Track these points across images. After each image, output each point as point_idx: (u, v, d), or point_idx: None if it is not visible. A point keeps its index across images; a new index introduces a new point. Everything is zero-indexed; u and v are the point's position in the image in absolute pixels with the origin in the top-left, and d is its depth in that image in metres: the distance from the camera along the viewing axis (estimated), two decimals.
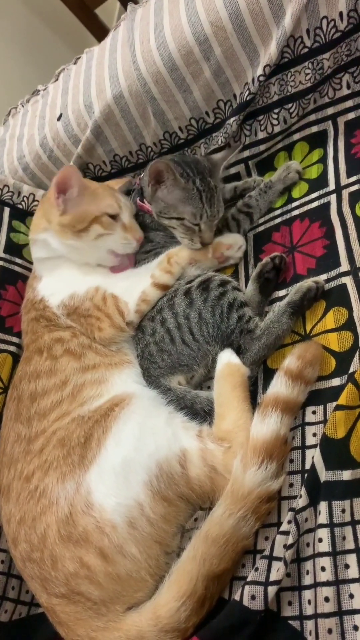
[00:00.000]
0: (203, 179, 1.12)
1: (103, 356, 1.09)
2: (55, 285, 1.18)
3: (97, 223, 1.15)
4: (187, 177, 1.11)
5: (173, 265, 1.12)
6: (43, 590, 0.90)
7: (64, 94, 1.38)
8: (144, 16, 1.26)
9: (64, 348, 1.08)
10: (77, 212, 1.14)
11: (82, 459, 0.93)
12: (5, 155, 1.46)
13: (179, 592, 0.82)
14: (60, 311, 1.13)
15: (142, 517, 0.88)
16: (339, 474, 0.78)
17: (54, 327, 1.13)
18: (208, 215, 1.11)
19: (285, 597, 0.79)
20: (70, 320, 1.12)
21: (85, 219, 1.14)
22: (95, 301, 1.12)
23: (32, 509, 0.93)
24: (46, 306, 1.15)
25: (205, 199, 1.11)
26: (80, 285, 1.15)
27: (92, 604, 0.86)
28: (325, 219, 1.07)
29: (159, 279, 1.11)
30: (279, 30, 1.10)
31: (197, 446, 0.93)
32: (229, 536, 0.83)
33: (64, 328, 1.12)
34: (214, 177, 1.15)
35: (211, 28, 1.13)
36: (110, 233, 1.16)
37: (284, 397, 0.90)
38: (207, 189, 1.11)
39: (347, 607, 0.72)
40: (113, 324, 1.10)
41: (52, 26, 2.49)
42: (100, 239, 1.16)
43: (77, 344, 1.09)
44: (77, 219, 1.14)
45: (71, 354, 1.08)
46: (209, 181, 1.12)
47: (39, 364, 1.09)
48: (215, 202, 1.12)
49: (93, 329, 1.11)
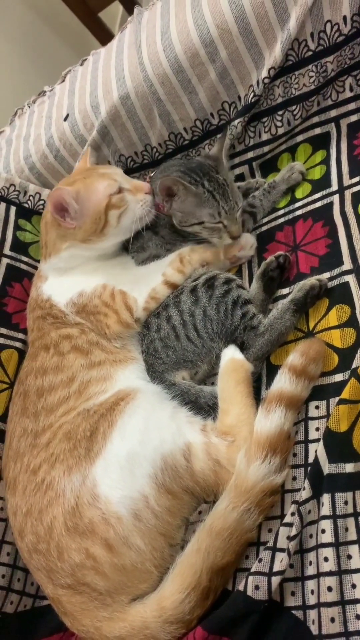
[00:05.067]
0: (210, 178, 1.13)
1: (108, 353, 1.11)
2: (61, 285, 1.19)
3: (110, 209, 1.14)
4: (195, 183, 1.13)
5: (186, 265, 1.13)
6: (49, 581, 0.92)
7: (71, 94, 1.40)
8: (151, 19, 1.28)
9: (72, 344, 1.10)
10: (89, 216, 1.14)
11: (88, 452, 0.94)
12: (12, 154, 1.48)
13: (183, 584, 0.84)
14: (69, 309, 1.14)
15: (147, 509, 0.89)
16: (342, 467, 0.79)
17: (61, 324, 1.14)
18: (227, 210, 1.12)
19: (289, 587, 0.80)
20: (80, 318, 1.13)
21: (100, 215, 1.14)
22: (104, 298, 1.13)
23: (38, 501, 0.94)
24: (52, 305, 1.16)
25: (219, 196, 1.12)
26: (88, 283, 1.16)
27: (98, 595, 0.87)
28: (328, 218, 1.09)
29: (170, 278, 1.12)
30: (284, 33, 1.12)
31: (201, 440, 0.94)
32: (232, 529, 0.85)
33: (72, 325, 1.13)
34: (220, 172, 1.15)
35: (217, 31, 1.15)
36: (125, 206, 1.15)
37: (288, 392, 0.91)
38: (217, 186, 1.12)
39: (349, 597, 0.73)
40: (120, 320, 1.11)
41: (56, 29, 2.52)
42: (121, 219, 1.15)
43: (85, 340, 1.10)
44: (94, 220, 1.14)
45: (78, 350, 1.09)
46: (217, 178, 1.13)
47: (45, 360, 1.10)
48: (230, 194, 1.13)
49: (102, 326, 1.12)
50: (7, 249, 1.31)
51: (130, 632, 0.84)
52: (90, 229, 1.14)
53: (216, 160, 1.18)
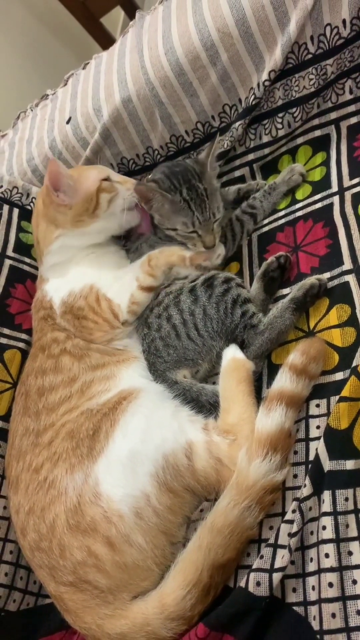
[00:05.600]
0: (190, 187, 1.13)
1: (111, 355, 1.12)
2: (60, 285, 1.20)
3: (101, 192, 1.20)
4: (174, 189, 1.13)
5: (154, 268, 1.14)
6: (51, 578, 0.92)
7: (73, 98, 1.42)
8: (152, 23, 1.29)
9: (60, 348, 1.11)
10: (81, 196, 1.19)
11: (91, 450, 0.95)
12: (15, 157, 1.49)
13: (184, 581, 0.84)
14: (60, 310, 1.16)
15: (149, 507, 0.90)
16: (343, 464, 0.80)
17: (55, 325, 1.15)
18: (201, 221, 1.12)
19: (290, 584, 0.81)
20: (65, 321, 1.15)
21: (91, 196, 1.19)
22: (90, 301, 1.14)
23: (41, 500, 0.95)
24: (51, 305, 1.18)
25: (195, 206, 1.12)
26: (77, 282, 1.17)
27: (99, 592, 0.88)
28: (328, 219, 1.10)
29: (143, 282, 1.13)
30: (284, 36, 1.13)
31: (202, 439, 0.95)
32: (233, 526, 0.85)
33: (61, 329, 1.14)
34: (203, 179, 1.14)
35: (218, 34, 1.16)
36: (115, 192, 1.21)
37: (289, 391, 0.92)
38: (196, 196, 1.12)
39: (350, 593, 0.74)
40: (111, 326, 1.13)
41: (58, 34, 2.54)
42: (111, 204, 1.21)
43: (72, 345, 1.12)
44: (86, 200, 1.19)
45: (69, 354, 1.10)
46: (197, 186, 1.13)
47: (42, 361, 1.11)
48: (207, 205, 1.12)
49: (92, 331, 1.13)
50: (10, 250, 1.32)
51: (131, 629, 0.84)
52: (82, 208, 1.18)
53: (202, 167, 1.17)
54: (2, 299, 1.26)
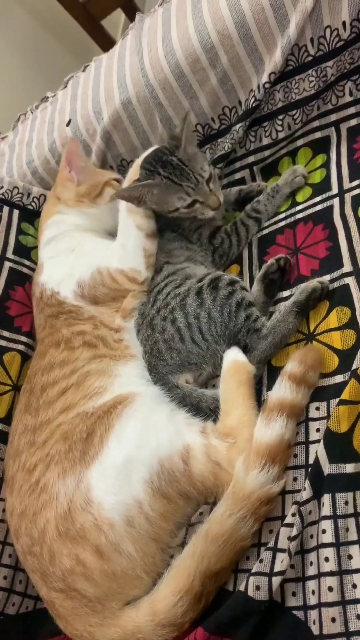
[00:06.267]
0: (164, 164, 1.12)
1: (109, 348, 1.11)
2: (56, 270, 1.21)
3: (108, 186, 1.29)
4: (151, 173, 1.13)
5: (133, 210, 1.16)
6: (43, 583, 0.91)
7: (73, 100, 1.42)
8: (152, 25, 1.29)
9: (84, 340, 1.11)
10: (90, 181, 1.29)
11: (84, 455, 0.94)
12: (15, 160, 1.49)
13: (176, 587, 0.83)
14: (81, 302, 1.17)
15: (141, 515, 0.88)
16: (342, 467, 0.80)
17: (73, 320, 1.15)
18: (193, 187, 1.11)
19: (289, 588, 0.80)
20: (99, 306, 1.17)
21: (98, 185, 1.29)
22: (108, 284, 1.16)
23: (33, 503, 0.94)
24: (61, 301, 1.17)
25: (178, 178, 1.11)
26: (81, 270, 1.18)
27: (88, 601, 0.87)
28: (328, 221, 1.09)
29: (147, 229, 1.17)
30: (284, 38, 1.13)
31: (200, 442, 0.93)
32: (227, 536, 0.84)
33: (85, 320, 1.14)
34: (176, 152, 1.13)
35: (218, 36, 1.16)
36: None
37: (289, 401, 0.91)
38: (173, 169, 1.11)
39: (350, 597, 0.73)
40: (134, 294, 1.16)
41: (58, 37, 2.54)
42: (112, 202, 1.28)
43: (94, 335, 1.12)
44: (92, 186, 1.29)
45: (88, 344, 1.10)
46: (171, 160, 1.12)
47: (53, 356, 1.10)
48: (189, 171, 1.11)
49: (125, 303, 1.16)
50: (9, 252, 1.32)
51: (122, 636, 0.84)
52: (86, 190, 1.28)
53: (177, 140, 1.14)
54: (2, 301, 1.26)
